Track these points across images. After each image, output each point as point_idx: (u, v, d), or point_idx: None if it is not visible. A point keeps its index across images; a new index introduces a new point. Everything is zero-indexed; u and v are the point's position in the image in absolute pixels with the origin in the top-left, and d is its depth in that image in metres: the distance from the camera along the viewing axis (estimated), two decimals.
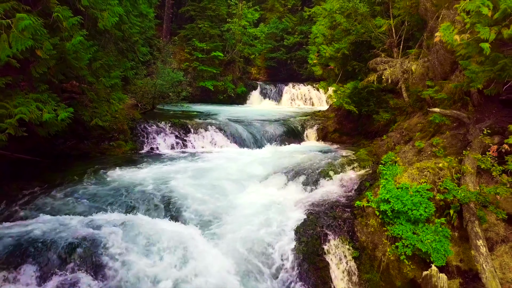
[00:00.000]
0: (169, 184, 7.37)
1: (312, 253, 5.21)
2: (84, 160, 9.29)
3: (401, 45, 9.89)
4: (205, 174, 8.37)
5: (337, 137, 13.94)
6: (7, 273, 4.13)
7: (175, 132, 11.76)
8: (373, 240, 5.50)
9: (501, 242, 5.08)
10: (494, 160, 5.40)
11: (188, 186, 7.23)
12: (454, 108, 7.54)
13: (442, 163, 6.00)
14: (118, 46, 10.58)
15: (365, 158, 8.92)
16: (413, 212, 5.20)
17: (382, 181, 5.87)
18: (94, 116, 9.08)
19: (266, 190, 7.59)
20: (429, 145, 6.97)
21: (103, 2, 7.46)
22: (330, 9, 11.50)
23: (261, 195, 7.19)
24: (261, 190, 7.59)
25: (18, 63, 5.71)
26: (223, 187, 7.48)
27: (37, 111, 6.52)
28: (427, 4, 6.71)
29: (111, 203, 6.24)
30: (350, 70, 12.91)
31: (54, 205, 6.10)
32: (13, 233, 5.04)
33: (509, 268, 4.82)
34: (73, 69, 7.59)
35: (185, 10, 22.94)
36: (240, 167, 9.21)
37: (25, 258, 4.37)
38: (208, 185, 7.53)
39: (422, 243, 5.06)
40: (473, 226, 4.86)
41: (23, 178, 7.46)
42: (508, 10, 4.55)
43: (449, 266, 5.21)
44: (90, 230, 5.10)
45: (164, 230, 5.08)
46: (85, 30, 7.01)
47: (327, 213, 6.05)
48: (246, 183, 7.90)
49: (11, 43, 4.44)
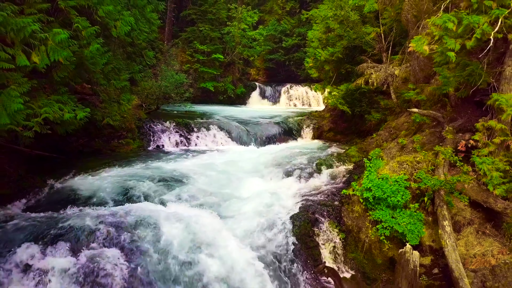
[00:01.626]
0: (178, 177, 8.15)
1: (304, 234, 6.00)
2: (96, 156, 10.05)
3: (390, 50, 10.69)
4: (209, 169, 9.14)
5: (331, 136, 14.72)
6: (46, 247, 4.90)
7: (179, 131, 12.53)
8: (358, 224, 6.29)
9: (467, 224, 5.86)
10: (463, 154, 6.20)
11: (195, 178, 8.02)
12: (434, 108, 8.34)
13: (420, 157, 6.80)
14: (127, 51, 11.36)
15: (355, 154, 9.71)
16: (392, 199, 5.99)
17: (366, 173, 6.67)
18: (105, 115, 9.87)
19: (264, 182, 8.38)
20: (410, 142, 7.77)
21: (117, 13, 8.23)
22: (325, 15, 12.30)
23: (260, 186, 7.98)
24: (260, 182, 8.38)
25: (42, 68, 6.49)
26: (226, 180, 8.27)
27: (59, 111, 7.27)
28: (409, 16, 7.50)
29: (126, 193, 7.00)
30: (344, 72, 13.69)
31: (75, 195, 6.87)
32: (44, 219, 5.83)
33: (473, 245, 5.61)
34: (89, 73, 8.36)
35: (187, 14, 23.72)
36: (240, 163, 9.98)
37: (59, 237, 5.13)
38: (213, 178, 8.32)
39: (399, 225, 5.85)
40: (441, 210, 5.66)
41: (44, 172, 8.20)
42: (470, 25, 5.34)
43: (423, 246, 5.99)
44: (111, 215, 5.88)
45: (185, 216, 5.89)
46: (101, 38, 7.78)
47: (318, 201, 6.84)
48: (247, 177, 8.68)
49: (49, 54, 5.21)
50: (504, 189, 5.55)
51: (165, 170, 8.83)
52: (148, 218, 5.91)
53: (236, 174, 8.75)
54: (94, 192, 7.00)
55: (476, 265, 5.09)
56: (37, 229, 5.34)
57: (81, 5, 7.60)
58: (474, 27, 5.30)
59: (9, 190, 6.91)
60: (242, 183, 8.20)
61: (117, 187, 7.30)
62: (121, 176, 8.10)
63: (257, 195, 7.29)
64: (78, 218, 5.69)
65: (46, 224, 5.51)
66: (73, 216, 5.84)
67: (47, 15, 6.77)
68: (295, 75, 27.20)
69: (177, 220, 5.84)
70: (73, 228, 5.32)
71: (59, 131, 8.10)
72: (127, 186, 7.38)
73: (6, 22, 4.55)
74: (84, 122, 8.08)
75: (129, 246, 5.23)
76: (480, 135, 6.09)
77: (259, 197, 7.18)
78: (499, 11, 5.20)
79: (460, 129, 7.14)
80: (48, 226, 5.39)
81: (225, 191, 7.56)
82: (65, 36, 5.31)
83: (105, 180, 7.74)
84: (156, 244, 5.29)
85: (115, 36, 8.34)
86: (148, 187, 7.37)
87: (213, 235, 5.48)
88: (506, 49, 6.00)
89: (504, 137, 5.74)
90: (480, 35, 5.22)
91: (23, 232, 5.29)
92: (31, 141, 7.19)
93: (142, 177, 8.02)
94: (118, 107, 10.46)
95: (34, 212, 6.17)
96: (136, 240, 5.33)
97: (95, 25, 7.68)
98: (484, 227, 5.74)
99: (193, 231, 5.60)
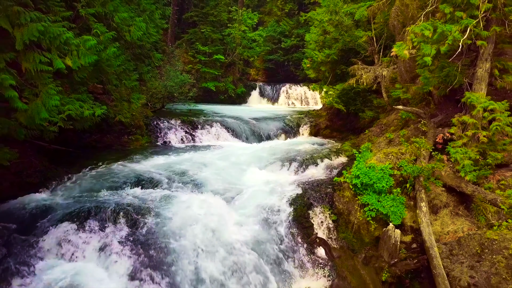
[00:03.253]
0: (186, 168, 8.95)
1: (300, 216, 6.81)
2: (108, 151, 10.85)
3: (381, 52, 11.52)
4: (213, 162, 9.94)
5: (328, 133, 15.54)
6: (78, 224, 5.71)
7: (184, 128, 13.33)
8: (348, 207, 7.11)
9: (444, 207, 6.68)
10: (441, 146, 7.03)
11: (201, 169, 8.84)
12: (420, 106, 9.17)
13: (404, 149, 7.62)
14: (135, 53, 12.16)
15: (349, 149, 10.53)
16: (377, 185, 6.80)
17: (355, 163, 7.49)
18: (117, 113, 10.67)
19: (265, 174, 9.18)
20: (397, 136, 8.59)
21: (130, 19, 9.03)
22: (321, 19, 13.13)
23: (261, 177, 8.79)
24: (261, 174, 9.18)
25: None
26: (230, 171, 9.08)
27: (80, 108, 8.08)
28: (395, 22, 8.31)
29: (141, 181, 7.80)
30: (339, 73, 14.49)
31: (96, 182, 7.68)
32: (72, 202, 6.64)
33: (447, 225, 6.42)
34: (105, 74, 9.16)
35: (189, 16, 24.52)
36: (242, 157, 10.77)
37: (87, 216, 5.94)
38: (217, 169, 9.12)
39: (383, 208, 6.66)
40: (420, 193, 6.49)
41: (64, 164, 8.99)
42: (444, 33, 6.16)
43: (405, 226, 6.80)
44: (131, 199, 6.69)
45: (194, 199, 6.71)
46: (117, 43, 8.57)
47: (313, 189, 7.67)
48: (248, 169, 9.47)
49: (80, 58, 6.00)
50: (474, 175, 6.38)
51: (173, 162, 9.64)
52: (163, 201, 6.74)
53: (238, 166, 9.55)
54: (113, 180, 7.80)
55: (448, 240, 5.91)
56: (68, 210, 6.14)
57: (99, 12, 8.43)
58: (447, 35, 6.12)
59: (37, 179, 7.70)
60: (244, 173, 9.00)
61: (132, 176, 8.11)
62: (135, 167, 8.91)
63: (258, 183, 8.11)
64: (102, 201, 6.52)
65: (74, 206, 6.33)
66: (97, 199, 6.67)
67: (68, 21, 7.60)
68: (294, 75, 27.97)
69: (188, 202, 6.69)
70: (100, 208, 6.13)
71: (77, 127, 8.90)
72: (141, 175, 8.18)
73: (46, 31, 5.33)
74: (103, 118, 8.88)
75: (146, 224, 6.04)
76: (456, 129, 6.91)
77: (260, 185, 8.00)
78: (468, 21, 6.03)
79: (441, 124, 7.97)
80: (77, 208, 6.20)
81: (229, 179, 8.38)
82: (94, 43, 6.11)
83: (121, 170, 8.55)
84: (169, 220, 6.12)
85: (129, 40, 9.13)
86: (161, 176, 8.18)
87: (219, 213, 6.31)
88: (478, 53, 6.82)
89: (475, 130, 6.56)
90: (451, 42, 6.04)
91: (56, 213, 6.11)
92: (55, 135, 8.00)
93: (154, 168, 8.84)
94: (129, 106, 11.26)
95: (62, 197, 6.97)
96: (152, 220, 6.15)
97: (111, 30, 8.50)
98: (458, 209, 6.56)
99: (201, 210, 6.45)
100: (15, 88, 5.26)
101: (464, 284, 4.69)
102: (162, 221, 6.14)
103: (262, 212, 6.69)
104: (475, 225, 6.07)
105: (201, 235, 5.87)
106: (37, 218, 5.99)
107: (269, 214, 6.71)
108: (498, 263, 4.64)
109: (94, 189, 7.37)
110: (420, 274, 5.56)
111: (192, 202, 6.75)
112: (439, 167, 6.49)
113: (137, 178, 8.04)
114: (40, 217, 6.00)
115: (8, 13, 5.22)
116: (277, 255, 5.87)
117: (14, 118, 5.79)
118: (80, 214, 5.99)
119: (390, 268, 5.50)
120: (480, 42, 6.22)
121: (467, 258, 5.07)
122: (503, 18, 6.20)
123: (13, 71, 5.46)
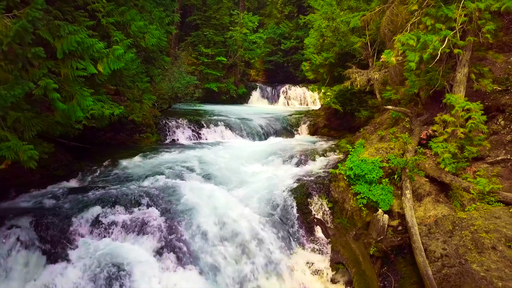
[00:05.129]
0: (195, 162, 9.83)
1: (301, 203, 7.71)
2: (122, 148, 11.72)
3: (375, 56, 12.41)
4: (219, 157, 10.82)
5: (326, 132, 16.44)
6: (107, 208, 6.59)
7: (191, 126, 14.21)
8: (342, 196, 8.00)
9: (427, 195, 7.56)
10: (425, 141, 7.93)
11: (208, 163, 9.72)
12: (409, 106, 10.07)
13: (393, 145, 8.52)
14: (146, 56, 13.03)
15: (344, 145, 11.40)
16: (369, 176, 7.70)
17: (349, 157, 8.38)
18: (130, 113, 11.54)
19: (267, 168, 10.08)
20: (387, 134, 9.48)
21: (145, 27, 9.90)
22: (319, 25, 14.02)
23: (264, 171, 9.68)
24: (264, 168, 10.08)
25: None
26: (235, 165, 9.95)
27: (101, 108, 8.95)
28: (386, 30, 9.20)
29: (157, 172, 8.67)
30: (337, 75, 15.36)
31: (117, 174, 8.56)
32: (98, 190, 7.51)
33: (429, 210, 7.30)
34: (121, 77, 10.04)
35: (192, 19, 25.40)
36: (245, 153, 11.67)
37: (115, 201, 6.82)
38: (223, 163, 9.99)
39: (374, 195, 7.55)
40: (405, 183, 7.38)
41: (84, 159, 9.85)
42: (426, 42, 7.05)
43: (393, 212, 7.68)
44: (150, 187, 7.57)
45: (203, 188, 7.60)
46: (134, 49, 9.44)
47: (311, 180, 8.56)
48: (251, 163, 10.37)
49: (109, 65, 6.87)
50: (453, 166, 7.27)
51: (183, 157, 10.51)
52: (177, 189, 7.63)
53: (242, 161, 10.44)
54: (132, 172, 8.69)
55: (428, 222, 6.80)
56: (97, 197, 7.01)
57: (117, 21, 9.30)
58: (429, 44, 7.02)
59: (63, 172, 8.57)
60: (248, 167, 9.90)
61: (148, 168, 9.00)
62: (149, 161, 9.81)
63: (261, 176, 9.01)
64: (126, 189, 7.40)
65: (102, 193, 7.20)
66: (121, 188, 7.54)
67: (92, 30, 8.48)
68: (293, 76, 28.85)
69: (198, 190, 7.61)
70: (125, 195, 7.02)
71: (97, 125, 9.78)
72: (156, 168, 9.07)
73: (81, 42, 6.19)
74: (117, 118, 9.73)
75: (164, 206, 6.94)
76: (438, 126, 7.81)
77: (263, 178, 8.90)
78: (446, 32, 6.92)
79: (426, 123, 8.87)
80: (104, 195, 7.08)
81: (235, 172, 9.27)
82: (122, 52, 6.98)
83: (137, 164, 9.45)
84: (182, 205, 7.03)
85: (144, 46, 10.01)
86: (173, 169, 9.04)
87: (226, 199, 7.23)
88: (457, 59, 7.72)
89: (454, 127, 7.45)
90: (432, 50, 6.93)
91: (87, 199, 6.98)
92: (79, 133, 8.86)
93: (166, 162, 9.72)
94: (140, 106, 12.15)
95: (89, 187, 7.84)
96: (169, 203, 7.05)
97: (128, 37, 9.37)
98: (439, 197, 7.45)
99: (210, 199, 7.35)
100: (56, 91, 6.12)
101: (437, 255, 5.59)
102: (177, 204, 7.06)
103: (265, 200, 7.57)
104: (452, 209, 6.96)
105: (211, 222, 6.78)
106: (71, 203, 6.85)
107: (272, 201, 7.60)
108: (465, 237, 5.52)
109: (116, 179, 8.25)
110: (403, 250, 6.46)
111: (202, 190, 7.64)
112: (422, 160, 7.40)
113: (152, 170, 8.92)
114: (73, 203, 6.87)
115: (49, 26, 6.08)
116: (281, 234, 6.77)
117: (52, 116, 6.65)
118: (108, 199, 6.87)
119: (377, 244, 6.39)
120: (456, 50, 7.12)
121: (442, 235, 5.96)
122: (477, 29, 7.09)
123: (53, 76, 6.33)
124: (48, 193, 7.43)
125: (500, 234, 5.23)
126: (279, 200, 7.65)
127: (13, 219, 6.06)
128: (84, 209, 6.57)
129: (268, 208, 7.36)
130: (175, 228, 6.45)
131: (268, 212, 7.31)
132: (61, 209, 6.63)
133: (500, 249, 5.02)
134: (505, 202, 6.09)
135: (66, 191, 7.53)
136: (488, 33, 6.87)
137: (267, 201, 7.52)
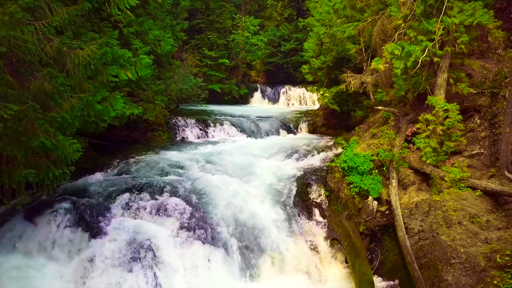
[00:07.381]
0: (205, 158, 10.92)
1: (301, 192, 8.83)
2: (137, 145, 12.78)
3: (369, 61, 13.52)
4: (226, 153, 11.89)
5: (324, 130, 17.56)
6: (135, 195, 7.68)
7: (198, 125, 15.32)
8: (338, 186, 9.10)
9: (411, 184, 8.67)
10: (410, 138, 9.06)
11: (218, 157, 10.83)
12: (398, 106, 11.18)
13: (382, 141, 9.63)
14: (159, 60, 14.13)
15: (340, 142, 12.51)
16: (360, 168, 8.81)
17: (343, 151, 9.49)
18: (144, 113, 12.63)
19: (271, 162, 11.18)
20: (379, 131, 10.60)
21: (161, 36, 11.00)
22: (317, 31, 15.14)
23: (269, 164, 10.79)
24: (268, 162, 11.17)
25: None
26: (242, 160, 11.03)
27: (122, 109, 10.03)
28: (377, 39, 10.31)
29: (173, 165, 9.76)
30: (334, 77, 16.49)
31: (139, 167, 9.65)
32: (124, 181, 8.59)
33: (413, 197, 8.40)
34: (140, 80, 11.12)
35: (196, 23, 26.48)
36: (250, 149, 12.75)
37: (141, 190, 7.91)
38: (230, 158, 11.08)
39: (365, 185, 8.66)
40: (392, 173, 8.50)
41: (105, 155, 10.92)
42: (409, 52, 8.16)
43: (382, 199, 8.79)
44: (171, 178, 8.67)
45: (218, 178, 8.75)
46: (152, 56, 10.52)
47: (311, 172, 9.67)
48: (258, 159, 11.44)
49: (137, 72, 7.97)
50: (434, 159, 8.38)
51: (194, 153, 11.60)
52: (194, 180, 8.72)
53: (249, 156, 11.52)
54: (151, 166, 9.77)
55: (410, 206, 7.91)
56: (125, 186, 8.10)
57: (136, 30, 10.39)
58: (412, 53, 8.13)
59: (90, 165, 9.64)
60: (254, 161, 10.96)
61: (165, 162, 10.08)
62: (165, 156, 10.89)
63: (266, 169, 10.11)
64: (149, 180, 8.49)
65: (129, 183, 8.29)
66: (145, 179, 8.62)
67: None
68: (293, 77, 29.90)
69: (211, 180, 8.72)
70: (149, 184, 8.11)
71: (118, 124, 10.86)
72: (172, 162, 10.16)
73: (114, 52, 7.27)
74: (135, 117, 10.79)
75: (184, 194, 8.04)
76: (421, 125, 8.93)
77: (268, 170, 10.00)
78: (426, 43, 8.04)
79: (412, 121, 9.97)
80: (131, 184, 8.17)
81: (242, 166, 10.33)
82: (149, 61, 8.08)
83: (154, 159, 10.52)
84: (200, 193, 8.14)
85: (159, 53, 11.12)
86: (187, 163, 10.14)
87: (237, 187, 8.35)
88: (437, 66, 8.83)
89: (434, 125, 8.56)
90: (414, 58, 8.04)
91: (116, 187, 8.06)
92: (104, 130, 9.93)
93: (179, 157, 10.80)
94: (154, 106, 13.25)
95: (116, 178, 8.92)
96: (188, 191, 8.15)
97: (145, 45, 10.47)
98: (421, 186, 8.56)
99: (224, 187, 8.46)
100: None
101: (415, 231, 6.70)
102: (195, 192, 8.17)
103: (272, 188, 8.70)
104: (431, 195, 8.08)
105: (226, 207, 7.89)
106: (102, 191, 7.95)
107: (278, 189, 8.73)
108: (438, 216, 6.63)
109: (139, 172, 9.34)
110: (389, 230, 7.58)
111: (217, 180, 8.74)
112: (407, 154, 8.53)
113: (169, 164, 10.01)
114: (105, 190, 7.97)
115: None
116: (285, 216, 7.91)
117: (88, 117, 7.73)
118: (135, 188, 7.97)
119: (366, 223, 7.51)
120: (436, 59, 8.22)
121: (420, 215, 7.08)
122: (453, 41, 8.19)
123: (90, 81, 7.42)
124: (80, 183, 8.51)
125: (465, 212, 6.34)
126: (284, 189, 8.76)
127: (56, 203, 7.17)
128: (115, 195, 7.67)
129: (274, 195, 8.47)
130: (194, 212, 7.54)
131: (275, 198, 8.42)
132: (95, 196, 7.73)
133: (465, 224, 6.13)
134: (472, 187, 7.20)
135: (96, 181, 8.62)
136: (462, 44, 7.97)
137: (273, 189, 8.64)
